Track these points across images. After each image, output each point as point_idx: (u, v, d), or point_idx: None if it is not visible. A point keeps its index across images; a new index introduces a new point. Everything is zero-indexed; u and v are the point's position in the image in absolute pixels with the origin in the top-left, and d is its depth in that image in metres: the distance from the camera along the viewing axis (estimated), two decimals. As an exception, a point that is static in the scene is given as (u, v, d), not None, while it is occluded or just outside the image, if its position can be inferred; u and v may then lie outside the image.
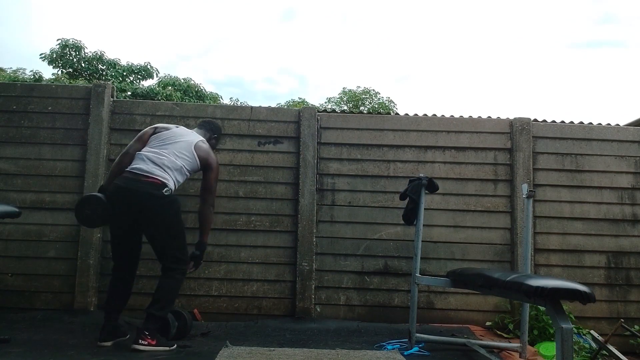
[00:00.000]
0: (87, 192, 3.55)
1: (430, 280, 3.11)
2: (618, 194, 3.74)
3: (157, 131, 2.97)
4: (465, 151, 3.76)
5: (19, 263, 3.53)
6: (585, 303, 1.84)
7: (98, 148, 3.61)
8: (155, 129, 2.99)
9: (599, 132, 3.81)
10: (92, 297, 3.48)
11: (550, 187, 3.73)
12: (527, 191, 2.82)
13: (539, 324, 3.29)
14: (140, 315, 3.47)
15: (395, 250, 3.63)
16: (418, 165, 3.74)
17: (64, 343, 2.79)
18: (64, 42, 12.78)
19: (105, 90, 3.69)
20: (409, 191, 3.02)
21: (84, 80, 12.45)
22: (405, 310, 3.32)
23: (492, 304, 3.59)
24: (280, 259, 3.60)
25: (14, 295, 3.49)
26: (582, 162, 3.76)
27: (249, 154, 3.71)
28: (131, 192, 2.71)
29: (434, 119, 3.84)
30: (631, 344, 3.42)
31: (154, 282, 3.55)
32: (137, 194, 2.71)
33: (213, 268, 3.59)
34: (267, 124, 3.75)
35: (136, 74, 13.33)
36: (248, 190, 3.67)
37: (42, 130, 3.66)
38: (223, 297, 3.56)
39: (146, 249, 3.59)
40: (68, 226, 3.56)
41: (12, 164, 3.62)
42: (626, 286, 3.65)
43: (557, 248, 3.67)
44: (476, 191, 3.72)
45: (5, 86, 3.89)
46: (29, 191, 3.59)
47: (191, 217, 3.63)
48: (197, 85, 13.86)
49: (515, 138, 3.74)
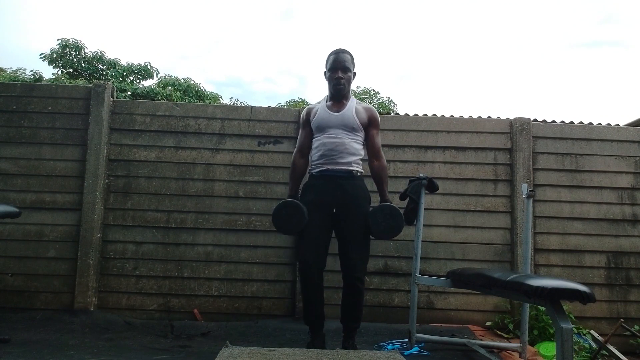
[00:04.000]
0: (87, 192, 3.56)
1: (430, 280, 3.11)
2: (618, 194, 3.74)
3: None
4: (465, 151, 3.76)
5: (19, 263, 3.53)
6: (585, 303, 1.84)
7: (98, 148, 3.61)
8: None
9: (599, 132, 3.81)
10: (92, 297, 3.49)
11: (550, 187, 3.73)
12: (527, 191, 2.82)
13: (539, 324, 3.29)
14: (140, 315, 3.49)
15: (395, 250, 3.63)
16: (418, 165, 3.74)
17: (64, 343, 2.79)
18: (64, 42, 12.78)
19: (105, 90, 3.69)
20: (409, 191, 3.02)
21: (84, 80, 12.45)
22: (405, 310, 3.32)
23: (492, 304, 3.60)
24: (280, 259, 3.60)
25: (14, 295, 3.49)
26: (582, 162, 3.76)
27: (249, 154, 3.72)
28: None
29: (434, 119, 3.84)
30: (631, 344, 3.42)
31: (153, 281, 3.56)
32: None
33: (213, 268, 3.59)
34: (267, 124, 3.76)
35: (136, 74, 13.33)
36: (248, 190, 3.67)
37: (42, 130, 3.66)
38: (223, 297, 3.56)
39: (145, 248, 3.61)
40: (68, 226, 3.56)
41: (12, 164, 3.62)
42: (626, 286, 3.65)
43: (557, 248, 3.67)
44: (476, 191, 3.73)
45: (5, 86, 3.89)
46: (29, 191, 3.60)
47: (191, 217, 3.64)
48: (197, 85, 13.86)
49: (515, 138, 3.74)
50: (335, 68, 2.67)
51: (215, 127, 3.73)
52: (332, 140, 2.62)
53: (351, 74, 2.71)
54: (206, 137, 3.72)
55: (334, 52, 2.72)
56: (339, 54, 2.69)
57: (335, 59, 2.68)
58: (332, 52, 2.73)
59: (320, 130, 2.67)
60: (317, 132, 2.69)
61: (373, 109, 2.78)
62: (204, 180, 3.67)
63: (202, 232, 3.62)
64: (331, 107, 2.70)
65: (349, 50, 2.74)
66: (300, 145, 2.80)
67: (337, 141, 2.62)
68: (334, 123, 2.64)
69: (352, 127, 2.64)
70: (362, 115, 2.69)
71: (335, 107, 2.69)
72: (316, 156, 2.69)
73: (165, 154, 3.69)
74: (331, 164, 2.61)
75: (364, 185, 2.70)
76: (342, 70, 2.66)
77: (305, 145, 2.78)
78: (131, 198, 3.63)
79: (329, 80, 2.71)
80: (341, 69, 2.66)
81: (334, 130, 2.63)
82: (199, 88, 13.90)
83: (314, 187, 2.67)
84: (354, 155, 2.65)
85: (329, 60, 2.71)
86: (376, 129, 2.75)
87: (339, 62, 2.67)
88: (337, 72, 2.66)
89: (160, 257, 3.58)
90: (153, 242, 3.59)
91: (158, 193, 3.64)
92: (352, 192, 2.61)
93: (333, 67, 2.67)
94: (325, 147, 2.63)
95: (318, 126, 2.68)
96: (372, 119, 2.73)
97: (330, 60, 2.70)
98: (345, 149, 2.62)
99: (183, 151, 3.70)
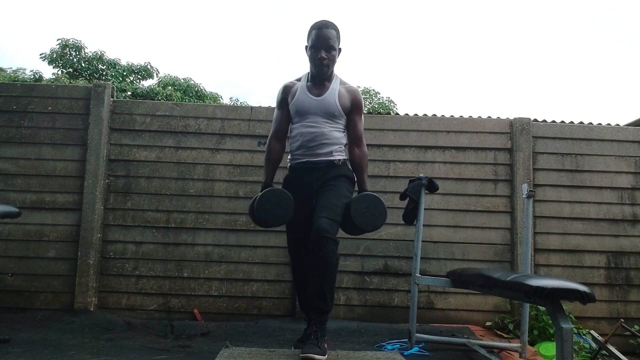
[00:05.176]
0: (87, 192, 3.56)
1: (430, 280, 3.11)
2: (618, 194, 3.74)
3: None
4: (465, 151, 3.77)
5: (19, 263, 3.53)
6: (585, 303, 1.83)
7: (98, 148, 3.61)
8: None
9: (599, 132, 3.81)
10: (92, 297, 3.48)
11: (550, 187, 3.73)
12: (527, 191, 2.82)
13: (539, 324, 3.29)
14: (140, 315, 3.49)
15: (395, 250, 3.63)
16: (418, 165, 3.74)
17: (64, 343, 2.79)
18: (64, 42, 12.77)
19: (105, 90, 3.69)
20: (409, 191, 3.02)
21: (84, 80, 12.44)
22: (405, 310, 3.31)
23: (492, 304, 3.60)
24: (280, 259, 3.60)
25: (14, 295, 3.49)
26: (582, 162, 3.77)
27: (249, 154, 3.71)
28: None
29: (434, 119, 3.84)
30: (631, 344, 3.42)
31: (153, 281, 3.57)
32: None
33: (213, 268, 3.59)
34: (267, 124, 3.75)
35: (136, 74, 13.32)
36: (248, 190, 3.67)
37: (42, 130, 3.66)
38: (223, 297, 3.56)
39: (145, 248, 3.61)
40: (68, 226, 3.56)
41: (12, 164, 3.62)
42: (626, 286, 3.65)
43: (557, 248, 3.67)
44: (476, 191, 3.73)
45: (5, 86, 3.89)
46: (29, 191, 3.60)
47: (191, 217, 3.64)
48: (197, 85, 13.84)
49: (515, 138, 3.74)
50: (317, 46, 2.34)
51: (215, 127, 3.73)
52: (311, 130, 2.37)
53: (336, 52, 2.39)
54: (206, 137, 3.72)
55: (316, 25, 2.38)
56: (322, 29, 2.35)
57: (319, 36, 2.34)
58: (314, 25, 2.39)
59: (298, 115, 2.42)
60: (296, 117, 2.44)
61: (357, 92, 2.49)
62: (204, 180, 3.67)
63: (202, 232, 3.62)
64: (312, 88, 2.42)
65: (334, 24, 2.40)
66: (276, 129, 2.51)
67: (317, 131, 2.37)
68: (314, 109, 2.38)
69: (333, 114, 2.38)
70: (345, 101, 2.42)
71: (317, 89, 2.42)
72: (295, 146, 2.45)
73: (165, 154, 3.69)
74: (311, 155, 2.39)
75: (346, 168, 2.48)
76: (325, 50, 2.34)
77: (282, 129, 2.51)
78: (131, 198, 3.63)
79: (311, 59, 2.39)
80: (324, 48, 2.34)
81: (313, 118, 2.38)
82: (199, 88, 13.89)
83: (294, 180, 2.47)
84: (335, 145, 2.41)
85: (311, 35, 2.37)
86: (359, 114, 2.48)
87: (323, 40, 2.34)
88: (320, 52, 2.34)
89: (160, 257, 3.58)
90: (153, 242, 3.59)
91: (158, 193, 3.64)
92: (332, 174, 2.40)
93: (315, 45, 2.35)
94: (304, 138, 2.39)
95: (297, 111, 2.42)
96: (356, 103, 2.45)
97: (313, 36, 2.36)
98: (325, 139, 2.38)
99: (183, 151, 3.70)
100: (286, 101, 2.48)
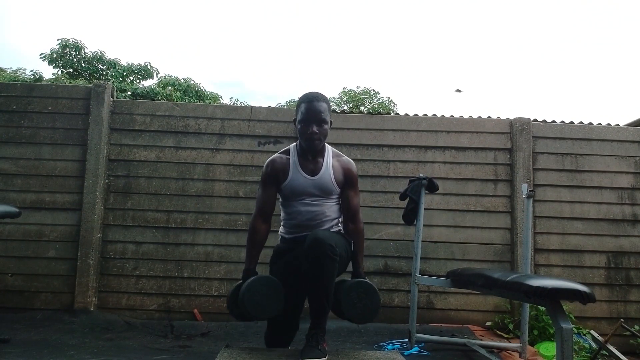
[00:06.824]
0: (87, 192, 3.56)
1: (430, 280, 3.11)
2: (618, 194, 3.74)
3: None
4: (465, 151, 3.77)
5: (19, 263, 3.53)
6: (585, 303, 1.83)
7: (98, 148, 3.61)
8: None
9: (599, 132, 3.81)
10: (92, 297, 3.48)
11: (550, 187, 3.73)
12: (527, 191, 2.82)
13: (539, 324, 3.29)
14: (140, 315, 3.49)
15: (395, 250, 3.63)
16: (418, 165, 3.74)
17: (64, 343, 2.79)
18: (64, 42, 12.77)
19: (105, 90, 3.69)
20: (409, 191, 3.02)
21: (84, 80, 12.44)
22: (405, 310, 3.31)
23: (492, 304, 3.60)
24: (280, 259, 3.59)
25: (14, 295, 3.49)
26: (582, 162, 3.76)
27: (249, 154, 3.71)
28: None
29: (434, 119, 3.84)
30: (631, 344, 3.42)
31: (153, 281, 3.56)
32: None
33: (213, 268, 3.59)
34: (267, 124, 3.76)
35: (136, 74, 13.32)
36: (248, 190, 3.67)
37: (42, 130, 3.66)
38: (223, 297, 3.56)
39: (145, 248, 3.61)
40: (68, 226, 3.56)
41: (12, 164, 3.62)
42: (626, 286, 3.65)
43: (557, 248, 3.67)
44: (476, 191, 3.73)
45: (5, 86, 3.89)
46: (29, 191, 3.60)
47: (191, 217, 3.64)
48: (197, 85, 13.84)
49: (515, 138, 3.74)
50: (309, 121, 2.16)
51: (215, 127, 3.73)
52: (310, 208, 2.24)
53: (327, 126, 2.22)
54: (206, 137, 3.72)
55: (306, 98, 2.22)
56: (312, 102, 2.19)
57: (309, 109, 2.17)
58: (304, 98, 2.24)
59: (294, 194, 2.26)
60: (290, 196, 2.28)
61: (350, 164, 2.31)
62: (204, 180, 3.67)
63: (202, 232, 3.62)
64: (305, 166, 2.26)
65: (324, 96, 2.26)
66: (261, 208, 2.31)
67: (317, 210, 2.24)
68: (311, 188, 2.23)
69: (330, 191, 2.25)
70: (339, 176, 2.27)
71: (310, 165, 2.25)
72: (289, 224, 2.31)
73: (165, 154, 3.69)
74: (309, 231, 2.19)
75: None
76: (317, 124, 2.16)
77: (268, 209, 2.31)
78: (131, 198, 3.63)
79: (301, 134, 2.21)
80: (316, 122, 2.16)
81: (310, 197, 2.24)
82: (199, 88, 13.89)
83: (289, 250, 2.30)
84: (334, 220, 2.29)
85: (301, 108, 2.21)
86: (354, 188, 2.31)
87: (314, 114, 2.17)
88: (312, 126, 2.16)
89: (160, 257, 3.59)
90: (153, 242, 3.59)
91: (158, 193, 3.64)
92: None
93: (306, 120, 2.17)
94: (302, 217, 2.25)
95: (292, 192, 2.26)
96: (350, 178, 2.29)
97: (303, 110, 2.19)
98: (325, 217, 2.25)
99: (183, 151, 3.70)
100: (274, 178, 2.30)
